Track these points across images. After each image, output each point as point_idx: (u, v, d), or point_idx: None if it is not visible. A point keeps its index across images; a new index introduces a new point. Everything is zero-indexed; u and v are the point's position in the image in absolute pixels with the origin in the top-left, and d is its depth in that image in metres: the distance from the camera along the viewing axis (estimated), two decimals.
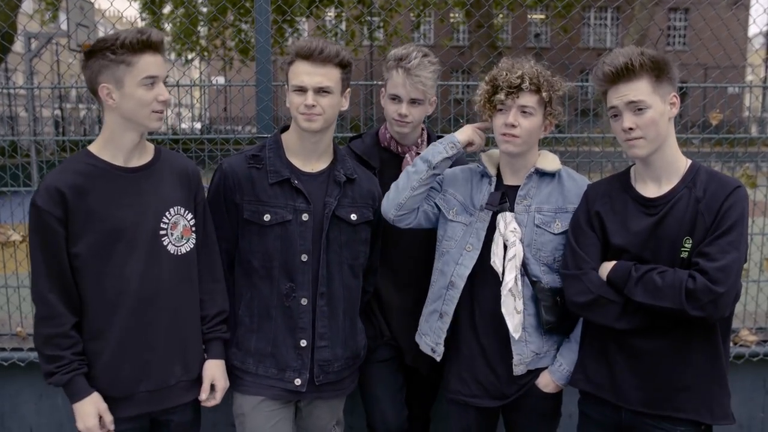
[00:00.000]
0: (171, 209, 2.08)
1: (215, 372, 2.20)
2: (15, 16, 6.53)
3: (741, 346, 3.32)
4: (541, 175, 2.26)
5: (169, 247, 2.07)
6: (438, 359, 2.36)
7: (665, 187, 1.99)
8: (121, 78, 1.93)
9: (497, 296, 2.17)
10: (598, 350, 2.11)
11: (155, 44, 1.95)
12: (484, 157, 2.35)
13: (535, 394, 2.27)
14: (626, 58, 1.92)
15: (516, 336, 2.17)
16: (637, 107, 1.93)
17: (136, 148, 2.05)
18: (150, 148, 2.13)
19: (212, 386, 2.21)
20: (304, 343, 2.24)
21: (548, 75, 2.18)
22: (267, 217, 2.21)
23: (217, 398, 2.22)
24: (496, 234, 2.20)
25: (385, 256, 2.51)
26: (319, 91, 2.14)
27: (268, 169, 2.24)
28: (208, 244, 2.21)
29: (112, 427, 2.02)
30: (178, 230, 2.10)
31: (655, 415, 2.00)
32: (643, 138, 1.95)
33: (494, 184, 2.28)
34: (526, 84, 2.12)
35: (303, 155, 2.28)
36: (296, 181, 2.22)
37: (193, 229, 2.15)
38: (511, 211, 2.22)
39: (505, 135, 2.17)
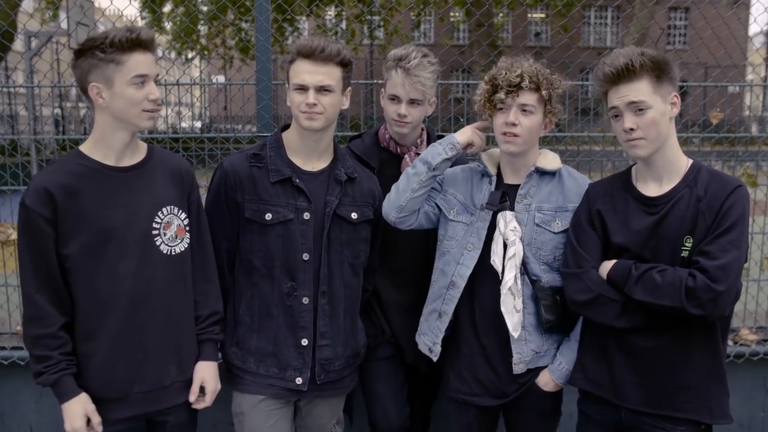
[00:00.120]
0: (164, 209, 2.06)
1: (206, 374, 2.16)
2: (15, 15, 6.53)
3: (741, 345, 3.32)
4: (542, 174, 2.26)
5: (161, 247, 2.04)
6: (434, 359, 2.35)
7: (666, 187, 1.99)
8: (111, 77, 1.90)
9: (497, 295, 2.16)
10: (597, 349, 2.10)
11: (145, 43, 1.92)
12: (485, 156, 2.34)
13: (535, 392, 2.27)
14: (627, 59, 1.92)
15: (515, 335, 2.17)
16: (637, 107, 1.93)
17: (128, 148, 2.03)
18: (142, 147, 2.10)
19: (204, 388, 2.17)
20: (305, 342, 2.24)
21: (547, 73, 2.18)
22: (268, 216, 2.20)
23: (207, 401, 2.18)
24: (496, 233, 2.20)
25: (385, 256, 2.51)
26: (321, 89, 2.14)
27: (270, 168, 2.23)
28: (202, 243, 2.18)
29: (100, 429, 1.99)
30: (172, 230, 2.07)
31: (655, 414, 2.00)
32: (644, 138, 1.95)
33: (494, 184, 2.28)
34: (525, 82, 2.12)
35: (304, 154, 2.27)
36: (297, 180, 2.22)
37: (187, 228, 2.12)
38: (512, 210, 2.22)
39: (505, 134, 2.17)
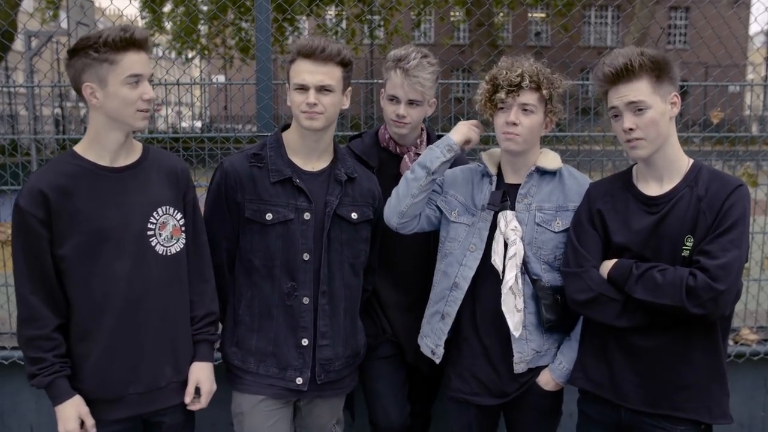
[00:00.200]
0: (159, 209, 2.04)
1: (201, 375, 2.15)
2: (15, 15, 6.53)
3: (742, 345, 3.32)
4: (542, 173, 2.25)
5: (157, 248, 2.03)
6: (437, 361, 2.34)
7: (667, 186, 1.99)
8: (105, 77, 1.89)
9: (498, 295, 2.16)
10: (597, 349, 2.10)
11: (139, 42, 1.90)
12: (485, 156, 2.34)
13: (535, 392, 2.26)
14: (626, 59, 1.92)
15: (516, 334, 2.17)
16: (637, 107, 1.93)
17: (123, 148, 2.01)
18: (138, 147, 2.08)
19: (199, 389, 2.15)
20: (305, 342, 2.24)
21: (548, 73, 2.18)
22: (269, 216, 2.20)
23: (203, 402, 2.17)
24: (497, 232, 2.20)
25: (385, 256, 2.51)
26: (321, 89, 2.14)
27: (270, 168, 2.23)
28: (198, 243, 2.17)
29: (94, 431, 1.98)
30: (167, 230, 2.06)
31: (655, 414, 2.00)
32: (643, 139, 1.95)
33: (495, 183, 2.28)
34: (526, 82, 2.12)
35: (304, 154, 2.27)
36: (298, 180, 2.22)
37: (183, 229, 2.11)
38: (512, 209, 2.22)
39: (506, 133, 2.17)
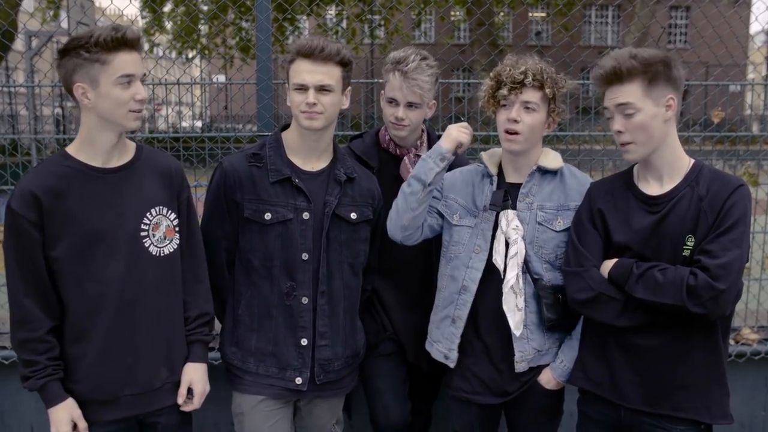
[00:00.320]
0: (152, 210, 2.03)
1: (194, 375, 2.13)
2: (15, 14, 6.53)
3: (743, 344, 3.31)
4: (543, 172, 2.25)
5: (151, 249, 2.01)
6: (452, 366, 2.31)
7: (667, 186, 1.98)
8: (96, 77, 1.86)
9: (499, 294, 2.17)
10: (597, 348, 2.10)
11: (131, 42, 1.88)
12: (485, 156, 2.34)
13: (536, 391, 2.26)
14: (615, 62, 1.92)
15: (517, 333, 2.17)
16: (625, 110, 1.93)
17: (115, 148, 1.99)
18: (131, 147, 2.07)
19: (192, 390, 2.13)
20: (304, 342, 2.24)
21: (552, 72, 2.17)
22: (268, 216, 2.20)
23: (196, 403, 2.14)
24: (498, 231, 2.20)
25: (385, 254, 2.50)
26: (320, 89, 2.13)
27: (269, 167, 2.23)
28: (193, 243, 2.15)
29: None
30: (161, 231, 2.04)
31: (655, 414, 1.99)
32: (633, 143, 1.95)
33: (496, 183, 2.28)
34: (529, 80, 2.12)
35: (303, 154, 2.27)
36: (297, 180, 2.21)
37: (177, 229, 2.09)
38: (514, 208, 2.22)
39: (507, 132, 2.17)
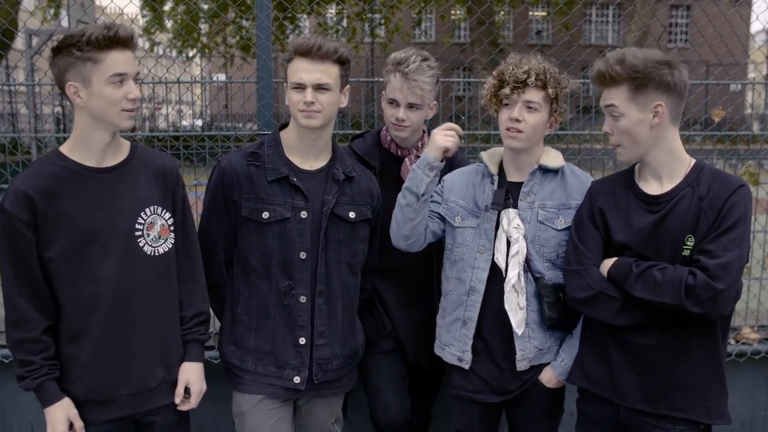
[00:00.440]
0: (147, 209, 2.02)
1: (191, 375, 2.13)
2: (16, 13, 6.52)
3: (743, 344, 3.31)
4: (545, 171, 2.25)
5: (145, 248, 2.00)
6: (466, 367, 2.29)
7: (668, 185, 1.98)
8: (88, 76, 1.85)
9: (501, 292, 2.17)
10: (596, 347, 2.09)
11: (123, 40, 1.86)
12: (485, 155, 2.34)
13: (537, 389, 2.27)
14: (603, 66, 1.94)
15: (519, 332, 2.17)
16: (612, 112, 1.96)
17: (109, 148, 1.98)
18: (125, 146, 2.05)
19: (189, 389, 2.13)
20: (302, 341, 2.23)
21: (555, 72, 2.18)
22: (266, 215, 2.19)
23: (193, 402, 2.14)
24: (500, 230, 2.20)
25: (385, 253, 2.48)
26: (318, 88, 2.12)
27: (267, 166, 2.22)
28: (188, 243, 2.14)
29: None
30: (155, 230, 2.03)
31: (654, 413, 1.99)
32: (620, 145, 1.99)
33: (497, 183, 2.28)
34: (531, 79, 2.12)
35: (302, 153, 2.26)
36: (295, 179, 2.21)
37: (172, 228, 2.08)
38: (515, 207, 2.22)
39: (509, 130, 2.17)
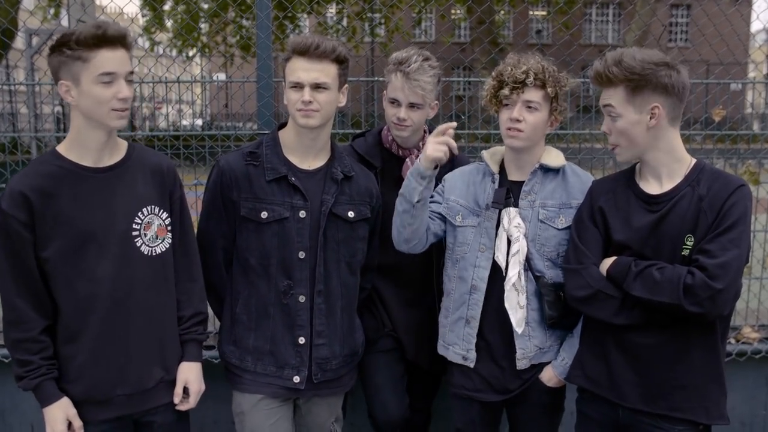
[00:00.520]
0: (144, 209, 2.01)
1: (189, 375, 2.12)
2: (16, 12, 6.51)
3: (743, 343, 3.30)
4: (546, 170, 2.26)
5: (142, 248, 2.00)
6: (471, 366, 2.29)
7: (667, 185, 1.98)
8: (78, 75, 1.85)
9: (501, 291, 2.18)
10: (596, 346, 2.09)
11: (112, 39, 1.84)
12: (486, 154, 2.34)
13: (538, 388, 2.27)
14: (601, 67, 1.95)
15: (519, 330, 2.18)
16: (610, 112, 1.97)
17: (106, 147, 1.97)
18: (122, 145, 2.05)
19: (188, 389, 2.13)
20: (302, 341, 2.23)
21: (554, 71, 2.18)
22: (264, 215, 2.19)
23: (191, 402, 2.14)
24: (500, 229, 2.21)
25: (384, 252, 2.48)
26: (316, 87, 2.12)
27: (266, 166, 2.22)
28: (186, 242, 2.14)
29: None
30: (152, 230, 2.03)
31: (652, 413, 1.99)
32: (618, 145, 1.99)
33: (498, 182, 2.28)
34: (530, 79, 2.13)
35: (300, 152, 2.26)
36: (294, 179, 2.21)
37: (169, 228, 2.08)
38: (516, 206, 2.22)
39: (509, 129, 2.17)
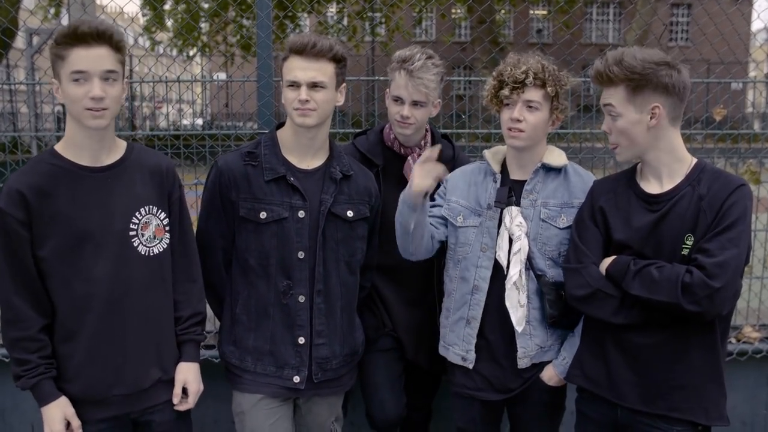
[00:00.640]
0: (142, 209, 2.01)
1: (188, 375, 2.12)
2: (16, 12, 6.50)
3: (744, 342, 3.30)
4: (548, 170, 2.26)
5: (139, 248, 1.99)
6: (470, 367, 2.29)
7: (668, 185, 1.98)
8: (59, 73, 1.87)
9: (502, 290, 2.18)
10: (595, 346, 2.09)
11: (83, 36, 1.83)
12: (488, 154, 2.35)
13: (539, 387, 2.27)
14: (602, 66, 1.95)
15: (519, 329, 2.18)
16: (610, 112, 1.96)
17: (103, 147, 1.97)
18: (121, 145, 2.04)
19: (186, 389, 2.12)
20: (302, 341, 2.23)
21: (554, 70, 2.18)
22: (263, 215, 2.19)
23: (190, 402, 2.14)
24: (502, 228, 2.21)
25: (384, 252, 2.48)
26: (313, 86, 2.12)
27: (264, 166, 2.21)
28: (185, 243, 2.13)
29: None
30: (150, 230, 2.02)
31: (651, 413, 1.98)
32: (618, 145, 1.99)
33: (499, 181, 2.28)
34: (530, 79, 2.13)
35: (299, 152, 2.25)
36: (292, 179, 2.20)
37: (167, 228, 2.07)
38: (517, 205, 2.22)
39: (510, 129, 2.18)
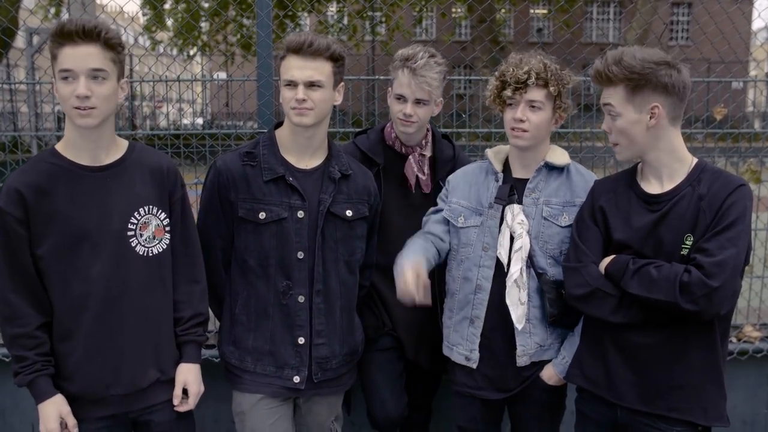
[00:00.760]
0: (141, 209, 2.00)
1: (188, 376, 2.11)
2: (16, 11, 6.50)
3: (745, 342, 3.30)
4: (550, 168, 2.27)
5: (137, 248, 1.99)
6: (474, 366, 2.29)
7: (668, 185, 1.98)
8: (54, 71, 1.89)
9: (503, 289, 2.18)
10: (594, 346, 2.09)
11: (70, 34, 1.84)
12: (490, 153, 2.36)
13: (539, 386, 2.27)
14: (601, 66, 1.95)
15: (519, 327, 2.18)
16: (610, 111, 1.97)
17: (102, 146, 1.97)
18: (122, 144, 2.04)
19: (186, 390, 2.12)
20: (301, 341, 2.23)
21: (556, 69, 2.19)
22: (262, 215, 2.19)
23: (191, 403, 2.13)
24: (503, 225, 2.21)
25: (384, 251, 2.48)
26: (310, 85, 2.11)
27: (263, 166, 2.21)
28: (188, 243, 2.12)
29: (75, 431, 1.96)
30: (149, 231, 2.02)
31: (650, 413, 1.98)
32: (618, 144, 1.99)
33: (501, 180, 2.28)
34: (532, 79, 2.14)
35: (297, 151, 2.25)
36: (291, 179, 2.20)
37: (167, 229, 2.06)
38: (519, 203, 2.22)
39: (514, 129, 2.19)
